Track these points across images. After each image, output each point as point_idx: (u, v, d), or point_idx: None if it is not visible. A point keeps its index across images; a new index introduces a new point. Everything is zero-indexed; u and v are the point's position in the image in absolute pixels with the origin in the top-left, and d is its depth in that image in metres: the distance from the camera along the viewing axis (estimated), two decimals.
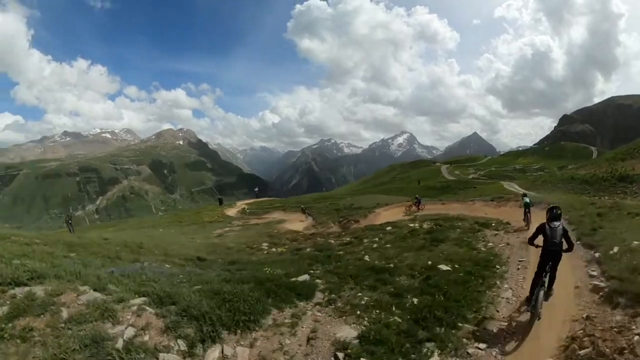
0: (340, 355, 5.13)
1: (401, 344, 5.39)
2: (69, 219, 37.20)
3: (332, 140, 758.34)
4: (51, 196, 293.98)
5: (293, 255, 14.94)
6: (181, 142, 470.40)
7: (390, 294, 7.36)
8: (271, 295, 6.58)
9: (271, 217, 46.84)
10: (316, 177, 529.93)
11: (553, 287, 6.45)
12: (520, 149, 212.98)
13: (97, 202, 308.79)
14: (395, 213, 29.30)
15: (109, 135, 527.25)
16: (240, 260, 13.53)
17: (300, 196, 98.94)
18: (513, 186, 43.49)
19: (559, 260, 6.29)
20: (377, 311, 6.48)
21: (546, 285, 6.21)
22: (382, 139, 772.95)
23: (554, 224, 6.25)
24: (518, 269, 9.08)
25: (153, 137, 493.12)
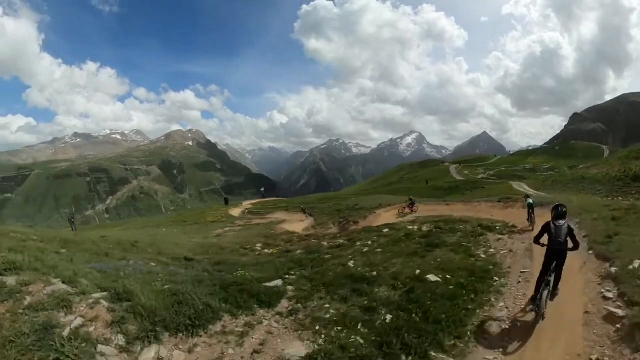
0: None
1: None
2: (72, 218, 39.21)
3: (341, 140, 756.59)
4: (62, 196, 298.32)
5: (279, 258, 14.27)
6: (190, 143, 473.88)
7: (362, 308, 6.50)
8: (230, 300, 6.20)
9: (273, 217, 46.93)
10: (324, 177, 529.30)
11: (559, 286, 6.30)
12: (530, 148, 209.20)
13: (107, 202, 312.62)
14: (396, 214, 28.09)
15: (118, 137, 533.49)
16: (227, 261, 13.01)
17: (306, 196, 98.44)
18: (522, 186, 41.95)
19: (565, 260, 6.19)
20: (340, 328, 5.73)
21: (551, 284, 6.08)
22: (391, 139, 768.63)
23: (559, 223, 6.18)
24: (519, 282, 7.92)
25: (162, 138, 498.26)
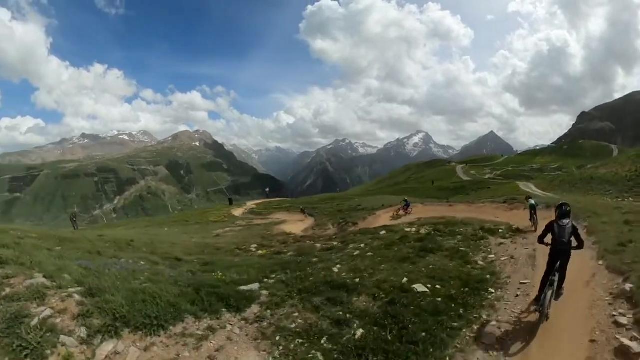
0: None
1: None
2: (74, 217, 39.23)
3: (347, 141, 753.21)
4: (70, 196, 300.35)
5: (269, 259, 13.74)
6: (197, 144, 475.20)
7: (333, 319, 6.03)
8: (197, 302, 6.12)
9: (274, 217, 46.40)
10: (331, 177, 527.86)
11: (563, 286, 6.23)
12: (538, 147, 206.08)
13: (115, 202, 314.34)
14: (391, 217, 27.17)
15: (126, 137, 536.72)
16: (216, 262, 12.44)
17: (311, 197, 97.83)
18: (529, 186, 40.68)
19: (569, 259, 6.12)
20: (301, 341, 5.40)
21: (556, 284, 6.00)
22: (398, 139, 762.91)
23: (563, 222, 6.11)
24: (517, 295, 7.00)
25: (170, 138, 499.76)
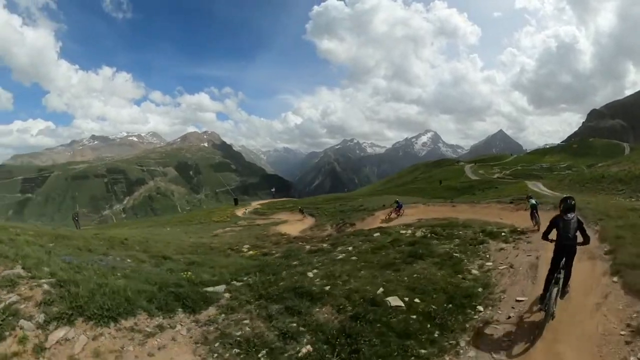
0: None
1: None
2: (76, 217, 39.66)
3: (355, 140, 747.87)
4: (80, 196, 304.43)
5: (253, 260, 13.32)
6: (206, 144, 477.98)
7: (282, 331, 5.58)
8: (154, 299, 6.13)
9: (276, 217, 46.85)
10: (339, 177, 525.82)
11: (569, 283, 5.98)
12: (548, 146, 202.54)
13: (124, 202, 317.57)
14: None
15: (135, 139, 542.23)
16: (201, 262, 12.19)
17: (316, 197, 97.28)
18: (538, 186, 39.04)
19: (574, 255, 5.85)
20: (238, 351, 5.19)
21: (561, 282, 5.71)
22: (406, 138, 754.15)
23: (568, 216, 5.85)
24: (509, 317, 5.81)
25: (178, 139, 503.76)
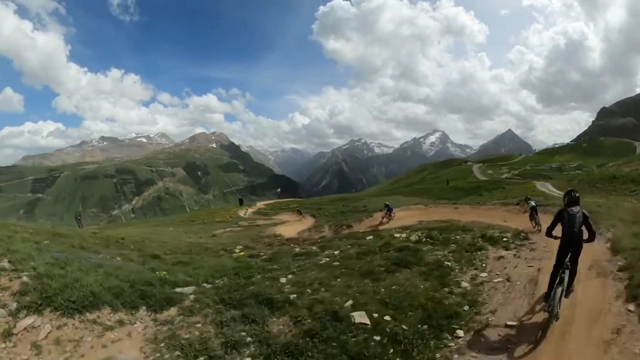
0: None
1: None
2: (79, 216, 41.53)
3: (363, 140, 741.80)
4: (89, 196, 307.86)
5: (238, 262, 12.72)
6: (214, 145, 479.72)
7: (229, 340, 5.41)
8: (121, 295, 6.37)
9: (277, 218, 46.49)
10: (346, 178, 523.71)
11: (574, 282, 5.70)
12: (557, 146, 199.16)
13: (133, 202, 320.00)
14: (393, 219, 24.77)
15: (144, 140, 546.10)
16: (188, 261, 12.06)
17: (321, 197, 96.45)
18: (547, 186, 37.53)
19: (580, 251, 5.53)
20: (179, 354, 5.22)
21: (566, 281, 5.38)
22: (414, 138, 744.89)
23: (573, 210, 5.56)
24: (493, 349, 4.68)
25: (187, 140, 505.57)
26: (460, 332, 5.13)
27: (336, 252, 12.57)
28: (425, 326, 5.24)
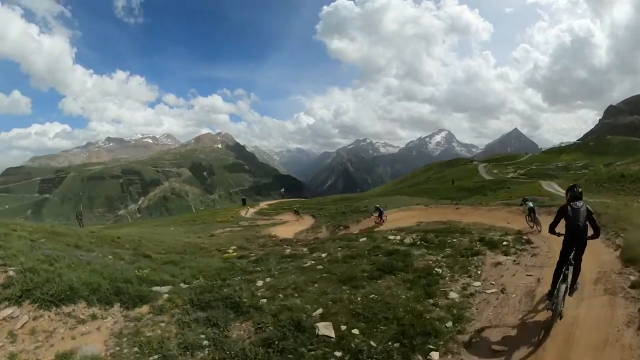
0: None
1: None
2: (79, 216, 41.31)
3: (368, 140, 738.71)
4: (96, 197, 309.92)
5: (225, 263, 12.56)
6: (219, 146, 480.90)
7: (188, 342, 5.41)
8: (98, 291, 6.53)
9: (278, 218, 45.81)
10: (352, 178, 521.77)
11: (578, 280, 5.44)
12: (563, 145, 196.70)
13: (139, 202, 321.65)
14: (392, 220, 24.00)
15: (150, 141, 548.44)
16: (177, 261, 11.94)
17: (324, 197, 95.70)
18: (553, 186, 36.33)
19: (584, 247, 5.25)
20: (136, 350, 5.20)
21: (569, 278, 5.18)
22: (419, 138, 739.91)
23: (577, 204, 5.35)
24: None
25: (192, 141, 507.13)
26: (434, 355, 4.39)
27: (323, 255, 11.91)
28: (396, 344, 4.57)
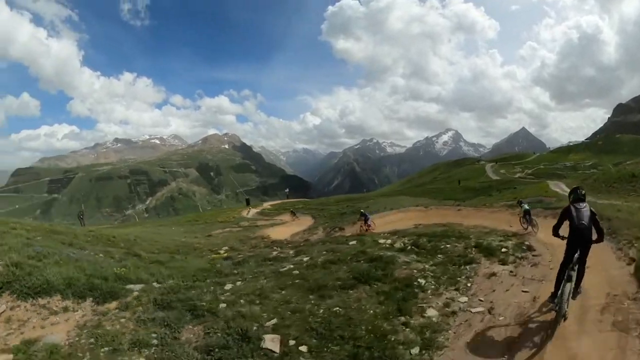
0: None
1: None
2: (81, 215, 41.40)
3: (374, 140, 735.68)
4: (103, 197, 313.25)
5: (209, 264, 12.62)
6: (226, 146, 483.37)
7: (138, 339, 5.50)
8: (75, 286, 6.81)
9: (278, 219, 45.21)
10: (358, 178, 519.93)
11: (581, 285, 5.45)
12: (571, 144, 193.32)
13: (147, 202, 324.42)
14: (389, 221, 23.10)
15: (157, 141, 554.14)
16: (164, 261, 12.06)
17: (328, 197, 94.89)
18: (560, 186, 35.02)
19: (589, 249, 5.24)
20: (93, 341, 5.44)
21: (573, 280, 5.12)
22: (426, 137, 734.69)
23: (580, 205, 5.36)
24: None
25: (199, 141, 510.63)
26: None
27: (305, 259, 11.25)
28: None
